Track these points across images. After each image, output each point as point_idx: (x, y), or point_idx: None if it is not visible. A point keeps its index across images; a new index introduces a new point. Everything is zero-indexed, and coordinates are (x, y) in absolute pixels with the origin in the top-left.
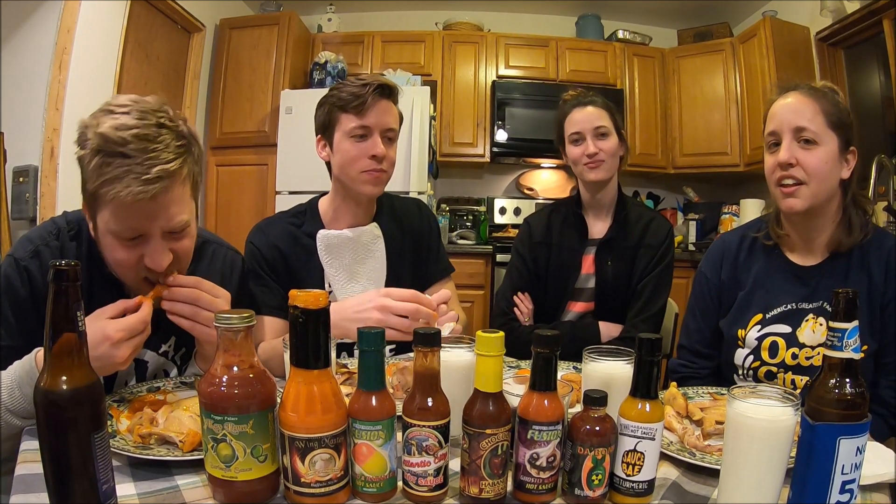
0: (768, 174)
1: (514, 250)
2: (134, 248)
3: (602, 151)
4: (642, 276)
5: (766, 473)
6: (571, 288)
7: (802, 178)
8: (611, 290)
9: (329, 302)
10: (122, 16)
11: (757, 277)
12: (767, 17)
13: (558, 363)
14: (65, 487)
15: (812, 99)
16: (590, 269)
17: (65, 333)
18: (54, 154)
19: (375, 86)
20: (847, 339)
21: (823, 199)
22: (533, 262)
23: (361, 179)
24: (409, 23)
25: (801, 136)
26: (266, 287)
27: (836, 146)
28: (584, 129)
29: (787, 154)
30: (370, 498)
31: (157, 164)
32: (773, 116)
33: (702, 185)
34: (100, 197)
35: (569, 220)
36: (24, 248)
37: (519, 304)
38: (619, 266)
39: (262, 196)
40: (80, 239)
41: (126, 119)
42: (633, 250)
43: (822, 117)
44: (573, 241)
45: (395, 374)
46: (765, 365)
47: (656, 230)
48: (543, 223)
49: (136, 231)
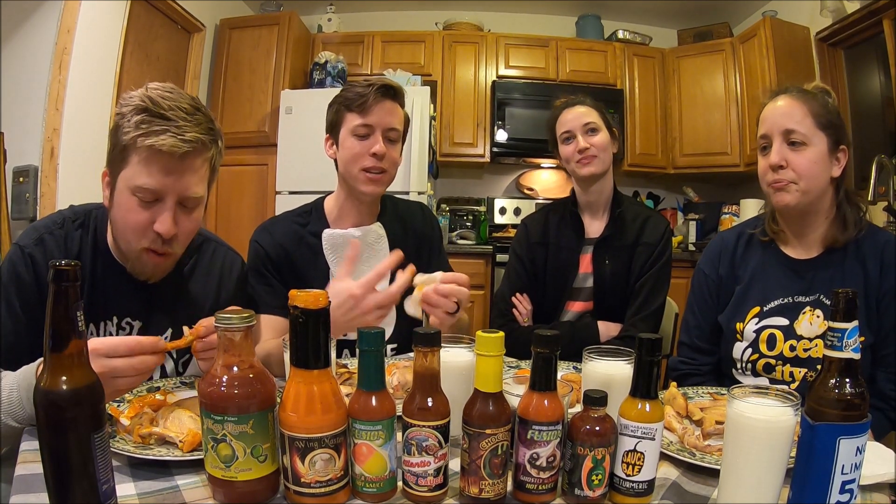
0: (761, 176)
1: (512, 251)
2: (147, 211)
3: (593, 146)
4: (640, 274)
5: (766, 473)
6: (570, 288)
7: (793, 178)
8: (609, 289)
9: (329, 302)
10: (122, 16)
11: (754, 272)
12: (767, 17)
13: (558, 363)
14: (65, 487)
15: (801, 101)
16: (587, 268)
17: (65, 333)
18: (54, 154)
19: (379, 86)
20: (847, 339)
21: (814, 196)
22: (531, 262)
23: (361, 178)
24: (409, 23)
25: (790, 137)
26: (270, 287)
27: (826, 146)
28: (573, 126)
29: (778, 156)
30: (370, 498)
31: (192, 132)
32: (763, 120)
33: (702, 185)
34: (132, 148)
35: (565, 220)
36: (28, 236)
37: (518, 304)
38: (617, 264)
39: (262, 196)
40: (86, 228)
41: (172, 94)
42: (630, 248)
43: (810, 119)
44: (570, 241)
45: (395, 374)
46: (763, 357)
47: (653, 228)
48: (540, 223)
49: (157, 187)
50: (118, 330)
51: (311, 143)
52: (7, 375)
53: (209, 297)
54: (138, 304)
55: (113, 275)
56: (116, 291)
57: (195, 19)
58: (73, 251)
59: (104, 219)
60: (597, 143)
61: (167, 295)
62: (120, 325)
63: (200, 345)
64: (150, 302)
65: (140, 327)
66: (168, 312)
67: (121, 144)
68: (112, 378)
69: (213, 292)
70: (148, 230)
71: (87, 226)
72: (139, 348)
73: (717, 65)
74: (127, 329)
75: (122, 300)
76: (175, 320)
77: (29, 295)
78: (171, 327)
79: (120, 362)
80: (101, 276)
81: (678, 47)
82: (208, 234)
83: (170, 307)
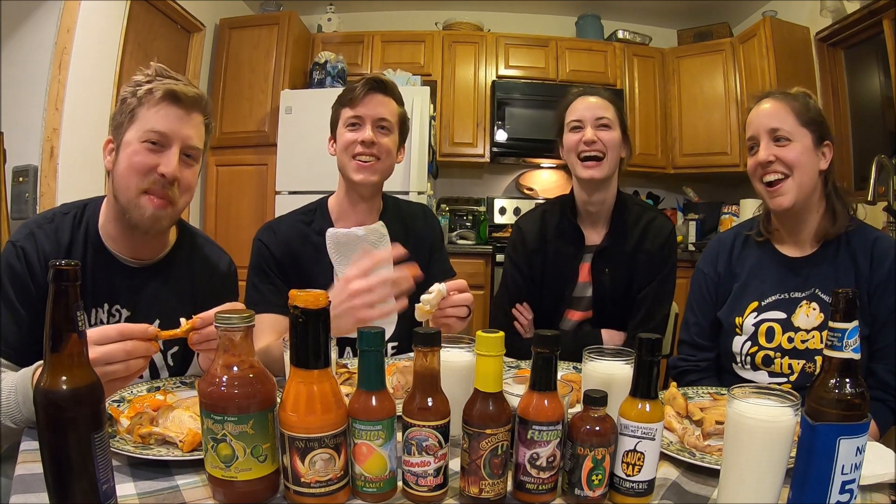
0: (751, 174)
1: (508, 259)
2: (153, 154)
3: (601, 141)
4: (642, 284)
5: (766, 473)
6: (569, 297)
7: (784, 171)
8: (609, 299)
9: (329, 302)
10: (121, 16)
11: (751, 269)
12: (767, 17)
13: (558, 363)
14: (65, 487)
15: (783, 103)
16: (586, 277)
17: (65, 333)
18: (54, 154)
19: (368, 80)
20: (847, 339)
21: (808, 189)
22: (528, 268)
23: (352, 166)
24: (409, 23)
25: (776, 134)
26: (273, 286)
27: (810, 141)
28: (584, 116)
29: (766, 153)
30: (370, 498)
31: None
32: (750, 123)
33: (702, 185)
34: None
35: (563, 227)
36: (20, 232)
37: (518, 316)
38: (618, 274)
39: (261, 196)
40: (78, 218)
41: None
42: (631, 256)
43: (793, 117)
44: (568, 250)
45: (395, 374)
46: (762, 350)
47: (656, 233)
48: (536, 228)
49: (166, 130)
50: (108, 317)
51: (311, 142)
52: (7, 377)
53: (195, 292)
54: (127, 292)
55: (103, 262)
56: (106, 279)
57: (195, 19)
58: (63, 242)
59: (97, 209)
60: (606, 139)
61: (154, 284)
62: (110, 313)
63: (196, 336)
64: (138, 290)
65: (128, 316)
66: (154, 302)
67: (129, 108)
68: (105, 365)
69: (199, 286)
70: (151, 172)
71: (79, 216)
72: (129, 333)
73: (716, 65)
74: (117, 316)
75: (112, 288)
76: (162, 311)
77: (24, 287)
78: (157, 317)
79: (111, 347)
80: (92, 263)
81: (678, 47)
82: (197, 231)
83: (156, 296)
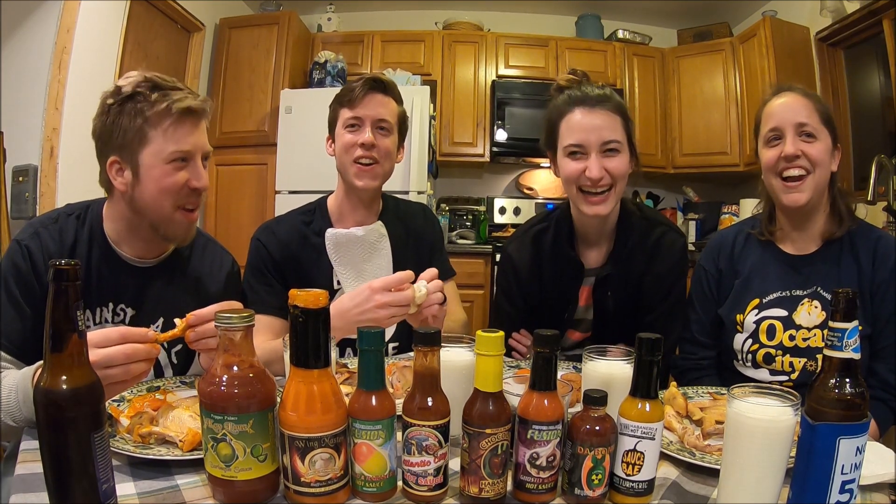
0: (769, 167)
1: (500, 290)
2: (181, 172)
3: (609, 173)
4: (650, 306)
5: (766, 473)
6: (570, 320)
7: (808, 167)
8: (611, 321)
9: (329, 302)
10: (121, 15)
11: (753, 266)
12: (767, 17)
13: (558, 363)
14: (65, 487)
15: (807, 99)
16: (587, 301)
17: (65, 333)
18: (54, 153)
19: (368, 80)
20: (847, 339)
21: (822, 188)
22: (523, 300)
23: (353, 170)
24: (408, 22)
25: (803, 129)
26: (270, 287)
27: (830, 141)
28: (587, 142)
29: (794, 147)
30: (370, 498)
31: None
32: (771, 114)
33: (701, 185)
34: (153, 124)
35: (559, 252)
36: (25, 231)
37: (516, 345)
38: (622, 296)
39: (261, 196)
40: (82, 219)
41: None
42: (637, 278)
43: (817, 115)
44: (566, 277)
45: (395, 373)
46: (763, 347)
47: (666, 253)
48: (528, 256)
49: (190, 148)
50: (113, 316)
51: (311, 142)
52: (8, 376)
53: (199, 291)
54: (132, 291)
55: (108, 261)
56: (112, 278)
57: (195, 19)
58: (68, 242)
59: (100, 209)
60: (614, 169)
61: (159, 283)
62: (115, 311)
63: (193, 335)
64: (143, 289)
65: (132, 315)
66: (159, 301)
67: (134, 127)
68: (106, 368)
69: (203, 286)
70: (184, 189)
71: (83, 217)
72: (130, 336)
73: (716, 65)
74: (121, 315)
75: (116, 287)
76: (166, 310)
77: (28, 286)
78: (161, 316)
79: (111, 350)
80: (97, 263)
81: (678, 47)
82: (201, 230)
83: (160, 296)
